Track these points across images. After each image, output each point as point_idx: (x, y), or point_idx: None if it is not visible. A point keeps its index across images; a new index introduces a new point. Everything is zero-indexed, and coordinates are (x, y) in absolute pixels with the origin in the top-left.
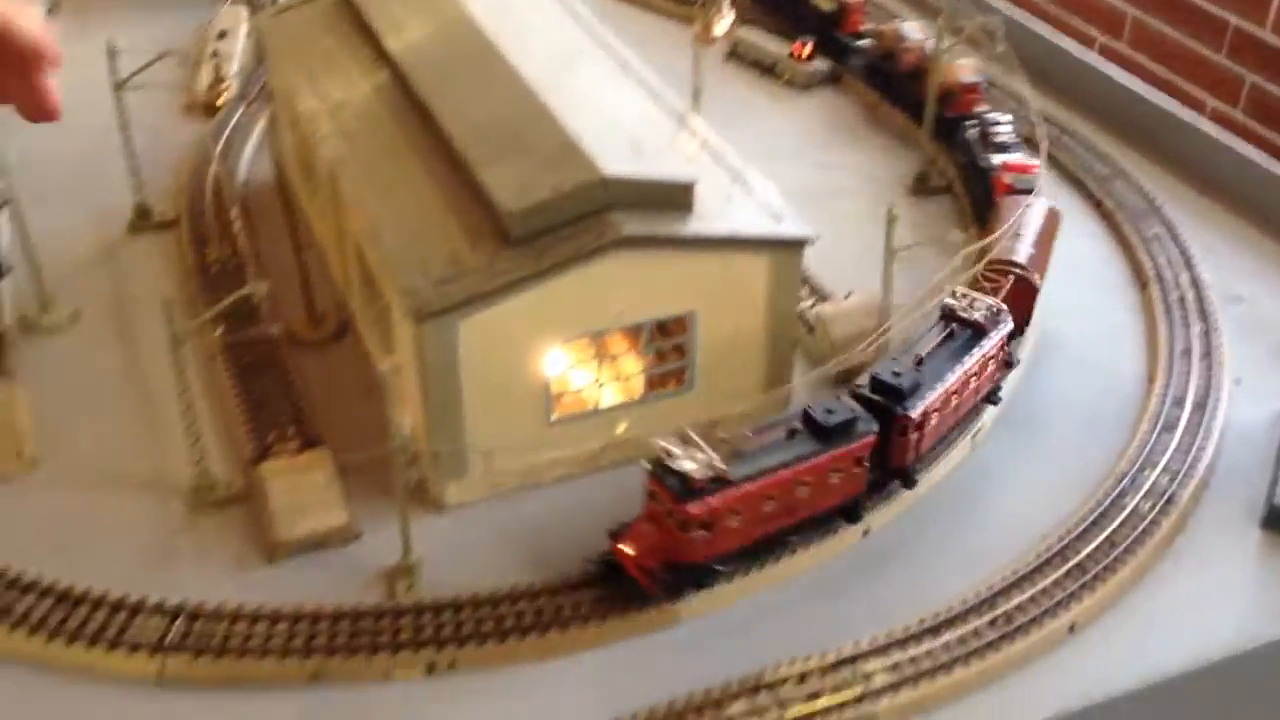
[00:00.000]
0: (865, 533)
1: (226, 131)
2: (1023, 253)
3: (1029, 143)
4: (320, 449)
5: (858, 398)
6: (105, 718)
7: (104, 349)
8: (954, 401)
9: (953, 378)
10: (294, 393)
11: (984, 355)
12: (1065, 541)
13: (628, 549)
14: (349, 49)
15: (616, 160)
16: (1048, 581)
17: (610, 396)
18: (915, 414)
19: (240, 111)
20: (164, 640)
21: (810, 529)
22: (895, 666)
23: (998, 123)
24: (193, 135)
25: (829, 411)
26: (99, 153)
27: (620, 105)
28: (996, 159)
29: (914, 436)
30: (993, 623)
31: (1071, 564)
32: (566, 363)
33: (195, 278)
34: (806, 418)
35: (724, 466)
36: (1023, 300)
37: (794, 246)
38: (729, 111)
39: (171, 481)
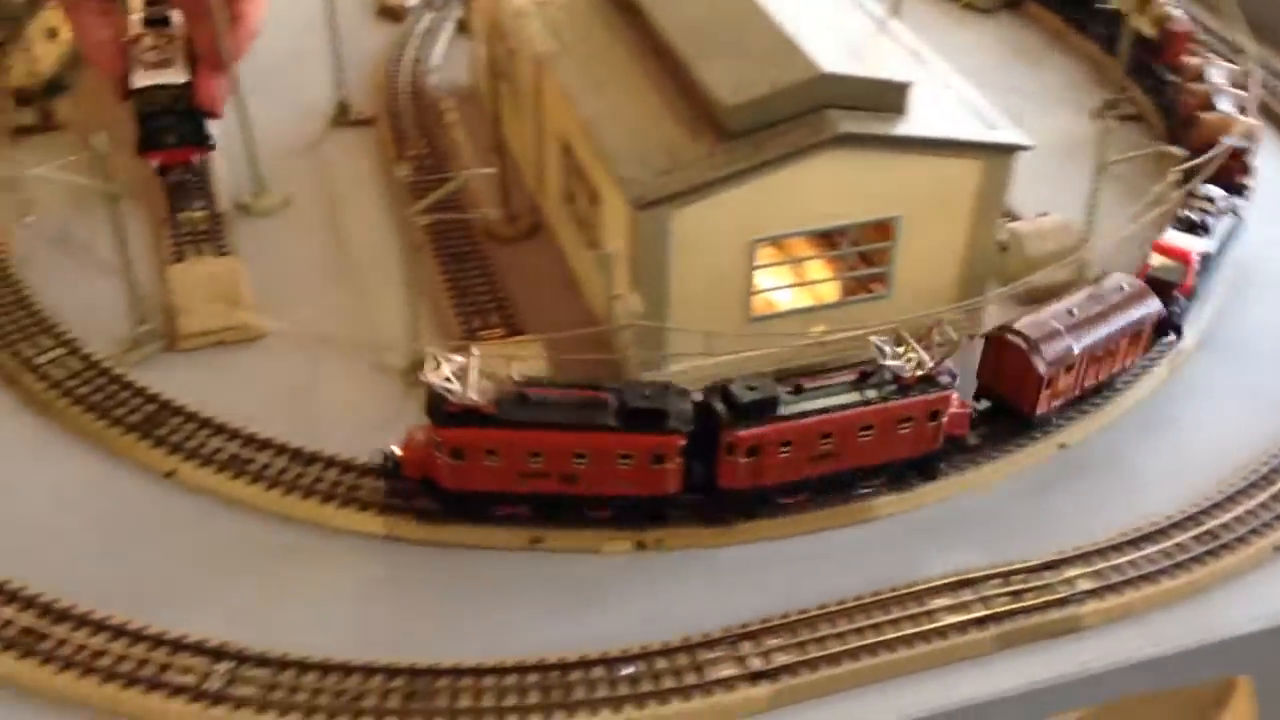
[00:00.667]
0: (1061, 446)
1: (418, 35)
2: (1038, 328)
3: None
4: (528, 335)
5: (702, 400)
6: (337, 567)
7: (313, 233)
8: (824, 447)
9: (823, 417)
10: (495, 282)
11: (892, 411)
12: (1272, 464)
13: (400, 451)
14: None
15: (833, 59)
16: (1254, 502)
17: (808, 298)
18: (744, 435)
19: (430, 16)
20: (389, 500)
21: (605, 509)
22: (1099, 574)
23: (1209, 199)
24: (384, 38)
25: (644, 395)
26: (299, 51)
27: (827, 8)
28: (1168, 236)
29: (743, 460)
30: (1198, 537)
31: (1279, 487)
32: (771, 260)
33: (397, 172)
34: (619, 391)
35: (480, 400)
36: (1020, 377)
37: (1007, 153)
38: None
39: (385, 356)
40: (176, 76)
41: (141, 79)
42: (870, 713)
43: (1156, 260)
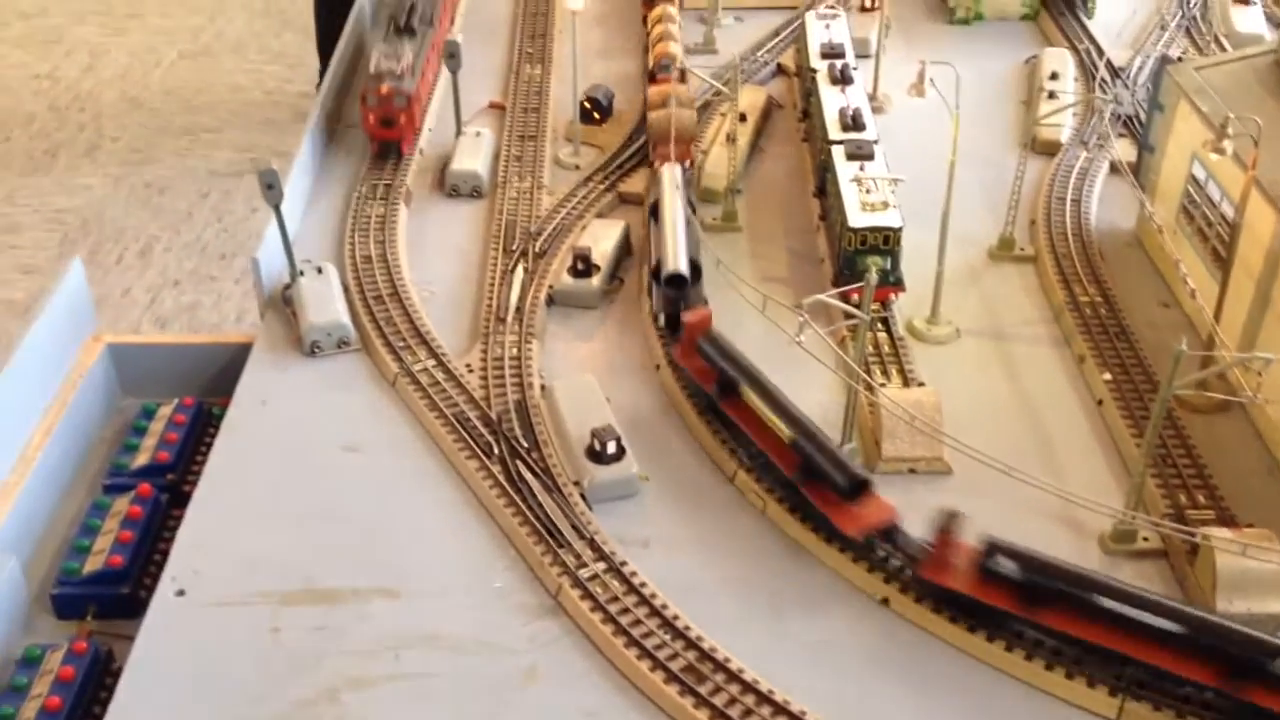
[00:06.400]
0: None
1: (1074, 172)
2: None
3: None
4: (1263, 530)
5: None
6: None
7: (985, 369)
8: None
9: None
10: (1194, 456)
11: None
12: None
13: None
14: None
15: None
16: None
17: None
18: None
19: (1083, 155)
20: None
21: None
22: None
23: None
24: (1035, 172)
25: None
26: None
27: None
28: None
29: None
30: None
31: None
32: None
33: (1066, 316)
34: None
35: None
36: None
37: None
38: None
39: (1071, 513)
40: (893, 220)
41: (859, 219)
42: None
43: None
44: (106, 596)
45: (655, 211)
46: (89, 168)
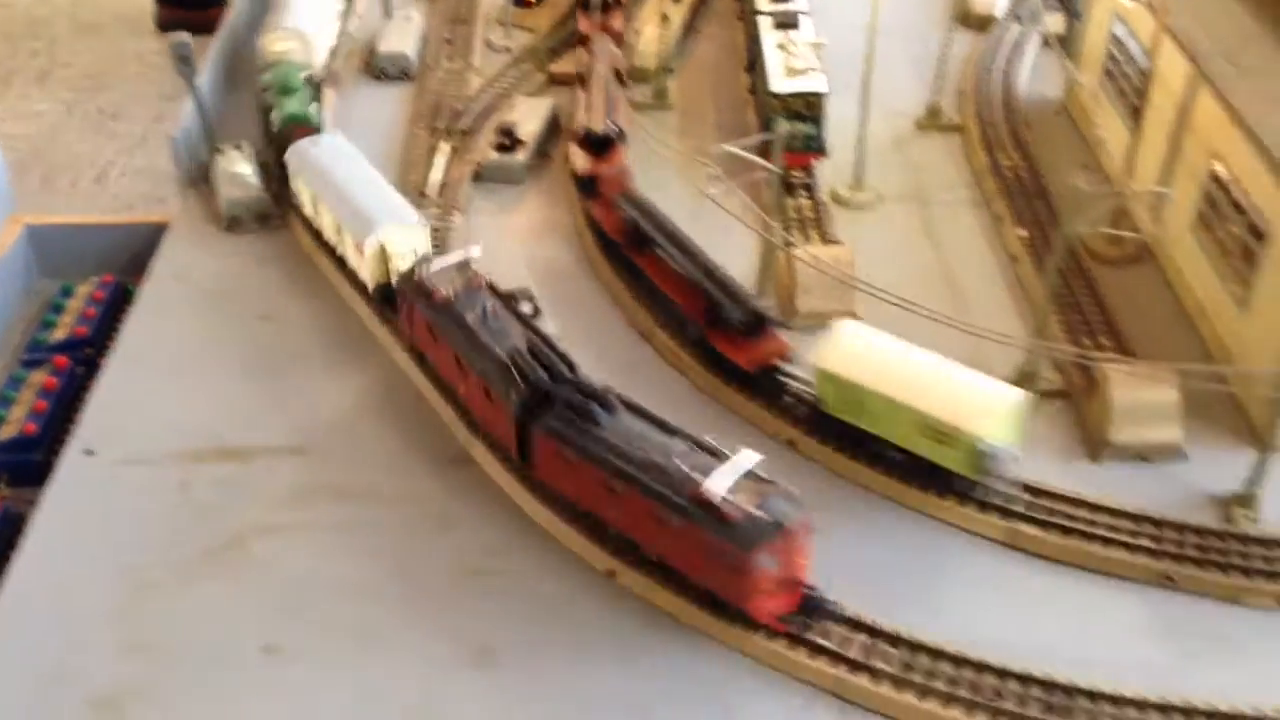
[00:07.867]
0: None
1: (1005, 46)
2: None
3: None
4: (1162, 364)
5: None
6: (958, 564)
7: (905, 231)
8: None
9: None
10: (1101, 302)
11: None
12: None
13: None
14: None
15: None
16: None
17: None
18: None
19: (1017, 29)
20: (1011, 508)
21: None
22: None
23: None
24: (965, 45)
25: None
26: (880, 54)
27: None
28: None
29: None
30: None
31: None
32: None
33: (989, 180)
34: None
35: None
36: None
37: None
38: None
39: (981, 358)
40: (817, 85)
41: (783, 85)
42: None
43: None
44: (20, 463)
45: None
46: (40, 94)
